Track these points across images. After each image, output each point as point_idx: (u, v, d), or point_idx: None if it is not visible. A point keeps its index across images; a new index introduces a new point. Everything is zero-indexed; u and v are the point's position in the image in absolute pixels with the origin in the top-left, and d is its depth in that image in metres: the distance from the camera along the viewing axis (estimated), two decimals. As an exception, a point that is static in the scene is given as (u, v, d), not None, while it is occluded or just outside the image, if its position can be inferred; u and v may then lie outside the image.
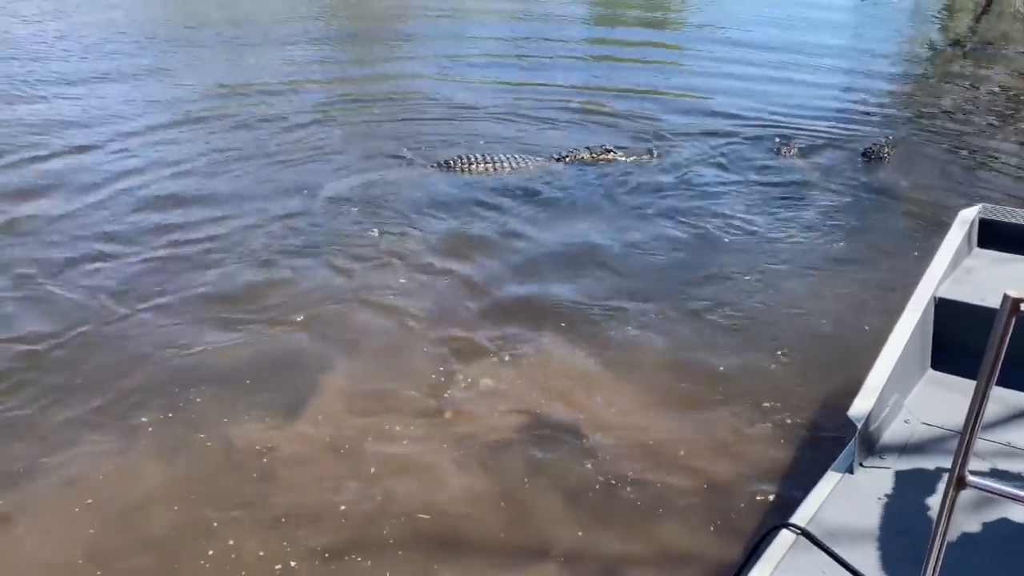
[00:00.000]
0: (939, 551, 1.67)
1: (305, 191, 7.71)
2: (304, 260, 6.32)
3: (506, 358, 5.06)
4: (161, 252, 6.45)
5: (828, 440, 4.22)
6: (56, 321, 5.42)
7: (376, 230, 6.88)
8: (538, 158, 8.60)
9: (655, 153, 8.74)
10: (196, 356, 5.05)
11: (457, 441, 4.32)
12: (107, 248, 6.49)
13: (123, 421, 4.45)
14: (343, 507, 3.87)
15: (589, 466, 4.16)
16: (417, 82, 12.14)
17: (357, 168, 8.39)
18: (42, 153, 8.56)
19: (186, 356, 5.05)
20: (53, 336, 5.25)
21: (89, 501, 3.86)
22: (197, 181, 7.97)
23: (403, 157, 8.73)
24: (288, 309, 5.60)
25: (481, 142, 9.26)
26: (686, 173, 8.39)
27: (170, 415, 4.49)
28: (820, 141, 9.67)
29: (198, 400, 4.61)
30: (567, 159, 8.57)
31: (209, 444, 4.28)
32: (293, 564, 3.57)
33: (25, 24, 14.49)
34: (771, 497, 3.96)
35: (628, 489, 4.01)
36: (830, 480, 3.10)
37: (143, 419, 4.45)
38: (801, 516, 2.89)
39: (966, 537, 2.76)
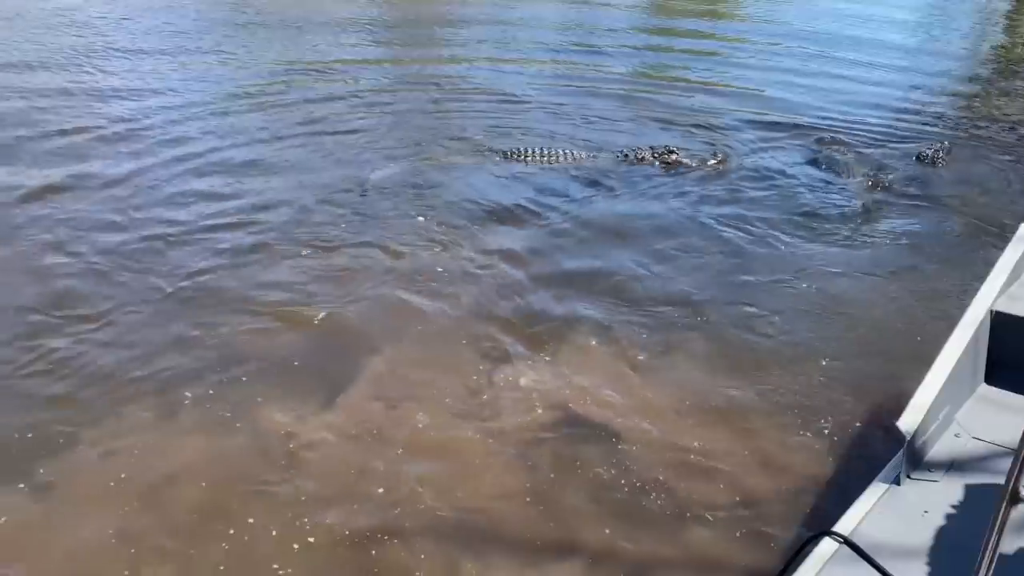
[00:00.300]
0: (988, 568, 1.59)
1: (352, 174, 7.72)
2: (349, 245, 6.32)
3: (544, 354, 5.00)
4: (208, 230, 6.51)
5: (872, 454, 4.09)
6: (103, 294, 5.51)
7: (422, 217, 6.86)
8: (598, 155, 8.46)
9: (719, 157, 8.48)
10: (237, 336, 5.08)
11: (489, 435, 4.28)
12: (156, 222, 6.59)
13: (164, 397, 4.49)
14: (369, 495, 3.85)
15: (621, 467, 4.08)
16: (469, 69, 12.12)
17: (405, 154, 8.38)
18: (101, 124, 8.79)
19: (228, 336, 5.08)
20: (100, 309, 5.33)
21: (123, 475, 3.91)
22: (246, 160, 8.05)
23: (453, 145, 8.70)
24: (331, 293, 5.61)
25: (534, 134, 9.16)
26: (743, 174, 8.19)
27: (210, 392, 4.53)
28: (875, 142, 9.43)
29: (235, 381, 4.64)
30: (628, 158, 8.39)
31: (239, 425, 4.30)
32: (312, 544, 3.58)
33: (92, 4, 14.80)
34: (809, 508, 3.86)
35: (659, 492, 3.93)
36: (875, 491, 3.01)
37: (184, 395, 4.49)
38: (844, 526, 2.82)
39: (1019, 555, 2.66)
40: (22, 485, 3.82)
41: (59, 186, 7.20)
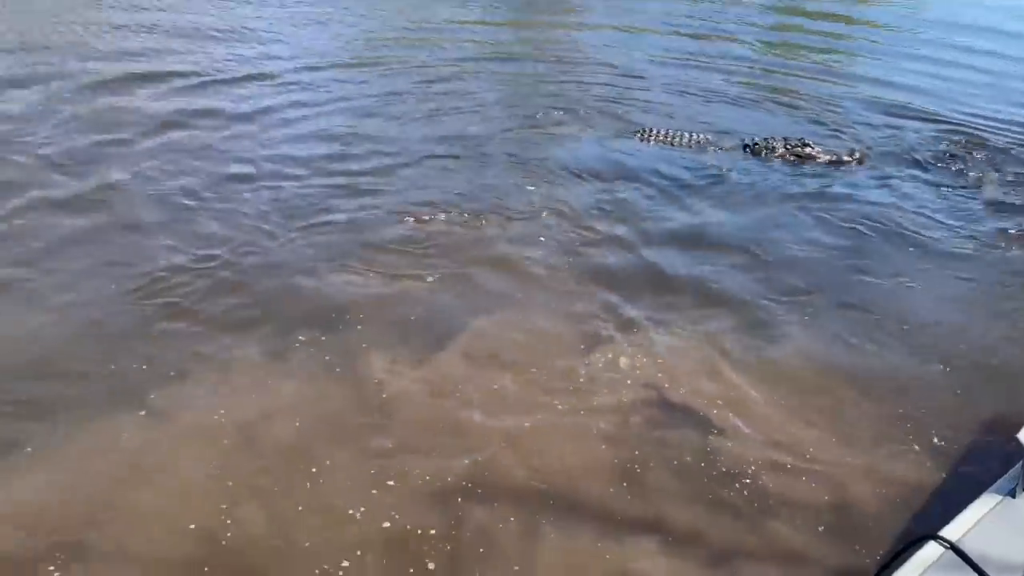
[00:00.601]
0: None
1: (465, 141, 7.79)
2: (458, 208, 6.37)
3: (644, 335, 4.91)
4: (323, 182, 6.72)
5: (982, 469, 3.84)
6: (222, 229, 5.80)
7: (532, 186, 6.85)
8: (725, 140, 8.17)
9: (856, 154, 7.99)
10: (346, 287, 5.22)
11: (580, 408, 4.27)
12: (275, 171, 6.85)
13: (274, 338, 4.68)
14: (455, 451, 3.91)
15: (710, 454, 4.00)
16: (592, 39, 12.04)
17: (520, 122, 8.40)
18: (233, 67, 9.36)
19: (338, 285, 5.23)
20: (219, 244, 5.60)
21: (224, 410, 4.09)
22: (366, 114, 8.31)
23: (570, 116, 8.65)
24: (436, 255, 5.67)
25: (655, 113, 8.99)
26: (876, 172, 7.77)
27: (322, 337, 4.68)
28: (1015, 143, 8.83)
29: (342, 329, 4.77)
30: (758, 146, 7.99)
31: (339, 370, 4.43)
32: (391, 489, 3.67)
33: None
34: (909, 516, 3.69)
35: (747, 483, 3.84)
36: (987, 501, 2.88)
37: (298, 338, 4.66)
38: (951, 532, 2.69)
39: None
40: (142, 412, 4.06)
41: (188, 121, 7.69)
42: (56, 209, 5.97)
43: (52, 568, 3.21)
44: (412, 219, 6.12)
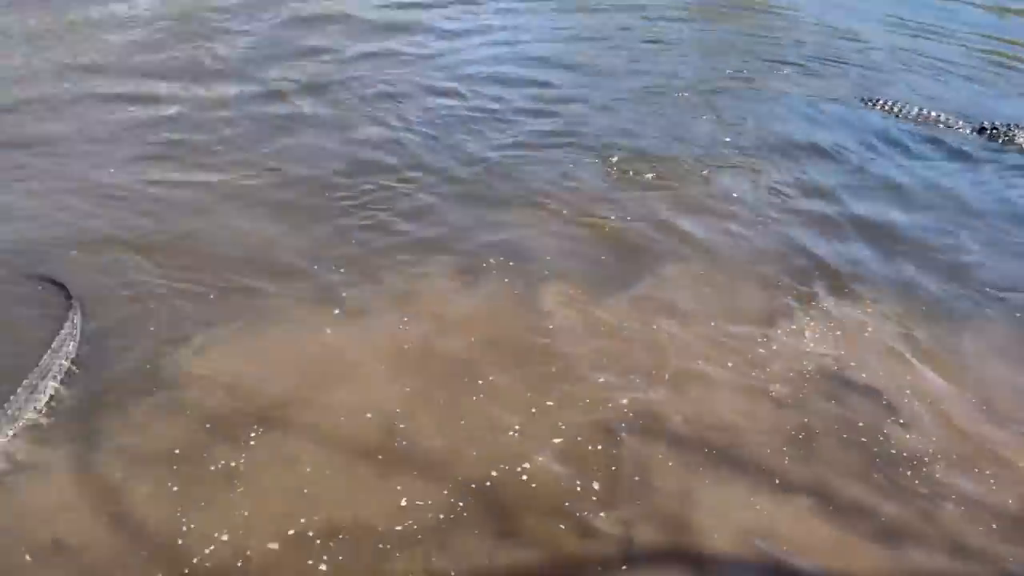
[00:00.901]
0: None
1: (669, 86, 7.62)
2: (650, 154, 6.30)
3: (833, 307, 4.73)
4: (522, 106, 6.94)
5: None
6: (424, 150, 6.12)
7: (729, 138, 6.65)
8: (954, 119, 7.34)
9: None
10: (539, 220, 5.38)
11: (754, 370, 4.21)
12: (476, 91, 7.13)
13: (461, 257, 4.93)
14: (617, 387, 4.00)
15: (886, 436, 3.86)
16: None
17: (728, 75, 8.07)
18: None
19: (525, 220, 5.38)
20: (421, 160, 5.94)
21: (406, 319, 4.38)
22: (568, 52, 8.33)
23: (778, 71, 8.25)
24: (626, 201, 5.66)
25: (872, 80, 8.31)
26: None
27: (511, 264, 4.87)
28: None
29: (528, 260, 4.93)
30: (997, 132, 7.16)
31: (518, 295, 4.61)
32: (550, 409, 3.83)
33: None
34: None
35: (924, 471, 3.67)
36: None
37: (486, 260, 4.88)
38: None
39: None
40: (337, 311, 4.43)
41: (395, 35, 8.17)
42: (267, 101, 6.62)
43: (252, 434, 3.61)
44: (605, 160, 6.14)
